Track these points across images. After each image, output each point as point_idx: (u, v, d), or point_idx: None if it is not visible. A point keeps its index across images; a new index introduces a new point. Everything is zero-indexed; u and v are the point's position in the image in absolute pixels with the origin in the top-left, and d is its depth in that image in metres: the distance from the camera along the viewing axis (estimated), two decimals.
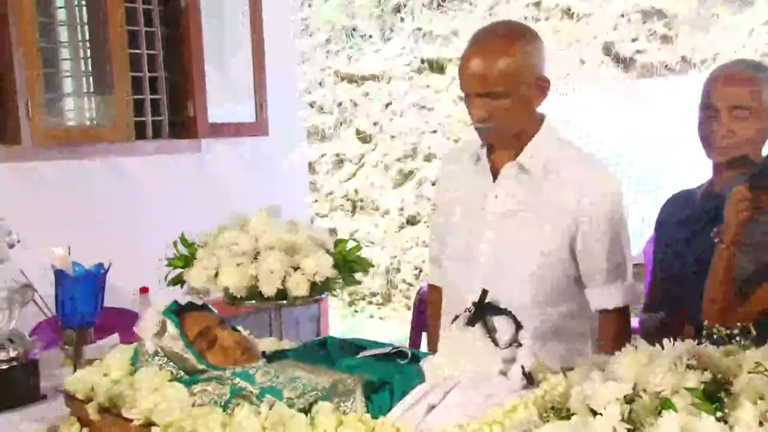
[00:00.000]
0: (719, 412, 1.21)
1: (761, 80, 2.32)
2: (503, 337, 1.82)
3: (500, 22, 2.46)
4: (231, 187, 4.48)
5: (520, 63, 2.17)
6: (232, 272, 2.74)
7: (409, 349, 1.90)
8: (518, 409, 1.50)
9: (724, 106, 2.30)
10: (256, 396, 1.65)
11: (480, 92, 2.18)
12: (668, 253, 2.52)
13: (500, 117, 2.19)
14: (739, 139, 2.30)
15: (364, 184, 5.76)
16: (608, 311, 2.32)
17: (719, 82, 2.35)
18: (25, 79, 3.70)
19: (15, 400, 2.13)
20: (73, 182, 4.00)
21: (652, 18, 5.22)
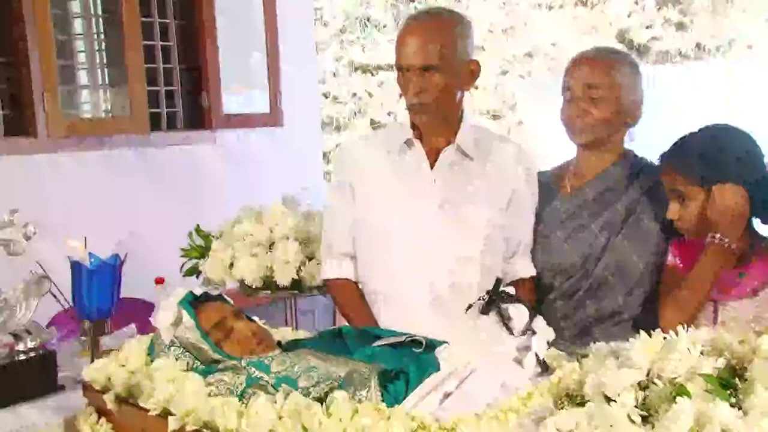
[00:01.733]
0: (734, 399, 1.21)
1: (617, 63, 2.39)
2: (517, 326, 1.82)
3: (436, 6, 2.56)
4: (246, 178, 4.48)
5: (453, 42, 2.31)
6: (247, 263, 2.76)
7: (424, 338, 1.90)
8: (533, 396, 1.50)
9: (579, 86, 2.37)
10: (271, 385, 1.66)
11: (417, 65, 2.28)
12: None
13: (435, 93, 2.30)
14: (595, 120, 2.36)
15: None
16: (524, 280, 2.45)
17: (576, 64, 2.42)
18: (41, 72, 3.71)
19: (33, 390, 2.13)
20: (89, 174, 4.01)
21: (666, 4, 5.18)
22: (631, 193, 2.40)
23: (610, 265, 2.36)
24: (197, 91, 4.48)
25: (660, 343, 1.33)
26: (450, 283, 2.35)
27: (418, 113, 2.37)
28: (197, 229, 2.98)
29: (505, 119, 6.24)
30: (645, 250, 2.35)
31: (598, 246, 2.37)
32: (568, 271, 2.41)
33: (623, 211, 2.39)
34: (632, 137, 2.49)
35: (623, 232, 2.37)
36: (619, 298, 2.36)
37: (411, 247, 2.36)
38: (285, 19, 4.84)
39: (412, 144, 2.41)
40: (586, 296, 2.38)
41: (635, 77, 2.41)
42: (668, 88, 5.30)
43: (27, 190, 3.60)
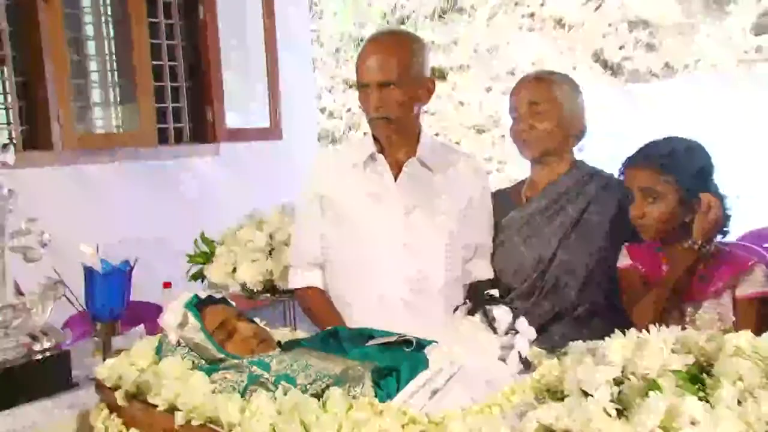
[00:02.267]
0: (702, 393, 1.21)
1: (556, 82, 2.45)
2: (501, 326, 1.82)
3: (394, 28, 2.59)
4: (247, 188, 4.48)
5: (410, 60, 2.34)
6: (248, 267, 2.75)
7: (414, 338, 1.89)
8: (516, 392, 1.50)
9: (523, 104, 2.43)
10: (271, 383, 1.65)
11: (378, 81, 2.30)
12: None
13: (393, 108, 2.33)
14: (540, 133, 2.41)
15: None
16: (483, 281, 2.48)
17: (519, 85, 2.49)
18: (57, 90, 3.72)
19: (49, 388, 2.12)
20: (101, 184, 4.00)
21: (637, 27, 5.21)
22: (580, 199, 2.43)
23: (563, 265, 2.39)
24: (202, 108, 4.47)
25: (634, 342, 1.33)
26: (418, 285, 2.37)
27: (379, 127, 2.38)
28: (202, 236, 2.98)
29: (489, 133, 6.25)
30: (594, 251, 2.38)
31: (552, 249, 2.40)
32: (526, 273, 2.43)
33: (574, 216, 2.42)
34: (581, 148, 2.53)
35: (574, 235, 2.40)
36: (573, 295, 2.38)
37: (380, 252, 2.38)
38: (284, 40, 4.85)
39: (375, 157, 2.42)
40: (543, 295, 2.40)
41: (575, 94, 2.47)
42: (639, 103, 5.33)
43: (43, 200, 3.59)
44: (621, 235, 2.34)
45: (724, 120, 6.17)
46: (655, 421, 1.16)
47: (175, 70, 4.39)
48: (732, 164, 2.18)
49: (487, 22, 5.65)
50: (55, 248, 2.21)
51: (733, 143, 3.26)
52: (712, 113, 6.28)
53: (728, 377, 1.22)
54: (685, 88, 5.77)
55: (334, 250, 2.43)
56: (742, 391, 1.19)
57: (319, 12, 6.23)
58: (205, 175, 4.50)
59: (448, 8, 5.89)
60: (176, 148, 4.39)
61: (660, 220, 2.15)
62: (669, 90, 5.08)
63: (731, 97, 6.67)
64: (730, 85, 6.68)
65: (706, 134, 2.32)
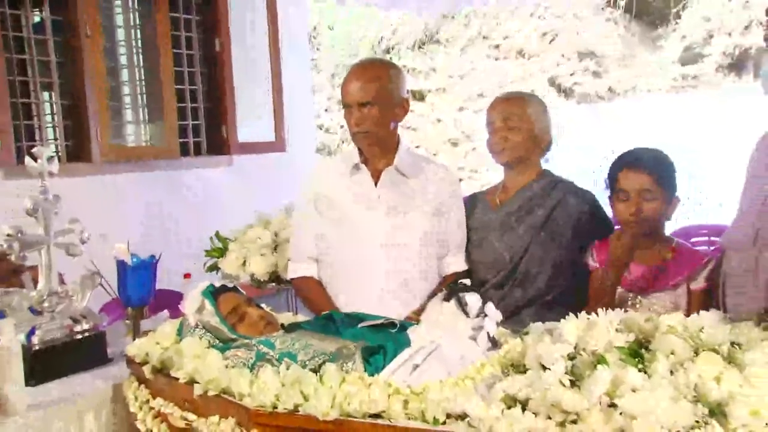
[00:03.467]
0: (641, 365, 1.21)
1: (527, 100, 2.45)
2: (473, 310, 1.81)
3: (374, 57, 2.59)
4: (256, 193, 4.45)
5: (387, 83, 2.34)
6: (257, 261, 2.74)
7: (398, 320, 1.88)
8: (485, 366, 1.49)
9: (498, 119, 2.42)
10: (276, 359, 1.64)
11: (359, 101, 2.31)
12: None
13: (371, 124, 2.32)
14: (513, 143, 2.40)
15: None
16: (457, 273, 2.44)
17: (495, 103, 2.48)
18: (96, 111, 3.71)
19: (88, 363, 2.12)
20: (133, 191, 3.99)
21: (586, 57, 5.21)
22: (548, 202, 2.41)
23: (533, 259, 2.37)
24: (217, 125, 4.46)
25: (585, 323, 1.32)
26: (397, 277, 2.36)
27: (359, 140, 2.37)
28: (217, 234, 2.96)
29: (462, 146, 6.25)
30: (561, 247, 2.37)
31: (523, 245, 2.38)
32: (500, 266, 2.40)
33: (543, 217, 2.40)
34: (548, 159, 2.52)
35: (543, 234, 2.38)
36: (541, 285, 2.36)
37: (365, 248, 2.36)
38: (287, 66, 4.84)
39: (359, 167, 2.41)
40: (514, 285, 2.38)
41: (543, 111, 2.46)
42: (588, 121, 5.34)
43: (83, 204, 3.56)
44: (583, 234, 2.35)
45: (657, 136, 6.21)
46: (602, 389, 1.16)
47: (195, 93, 4.38)
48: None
49: (460, 52, 5.65)
50: (93, 245, 2.19)
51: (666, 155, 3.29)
52: (648, 130, 6.32)
53: (663, 352, 1.22)
54: (626, 109, 5.80)
55: (329, 246, 2.41)
56: (674, 364, 1.20)
57: (318, 44, 6.21)
58: (220, 182, 4.48)
59: (427, 40, 5.88)
60: (195, 160, 4.37)
61: (652, 218, 2.12)
62: (613, 110, 5.09)
63: (664, 116, 6.71)
64: (663, 106, 6.73)
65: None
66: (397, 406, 1.35)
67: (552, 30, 7.04)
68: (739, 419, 1.07)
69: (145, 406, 1.82)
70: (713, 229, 4.13)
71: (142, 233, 3.70)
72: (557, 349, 1.27)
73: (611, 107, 5.97)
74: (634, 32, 7.03)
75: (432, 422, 1.31)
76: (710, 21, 7.45)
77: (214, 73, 4.45)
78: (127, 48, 4.13)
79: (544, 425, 1.18)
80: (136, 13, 4.14)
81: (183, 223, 4.10)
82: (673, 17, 7.09)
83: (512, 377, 1.28)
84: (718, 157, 6.36)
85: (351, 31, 7.85)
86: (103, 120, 3.76)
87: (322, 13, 7.65)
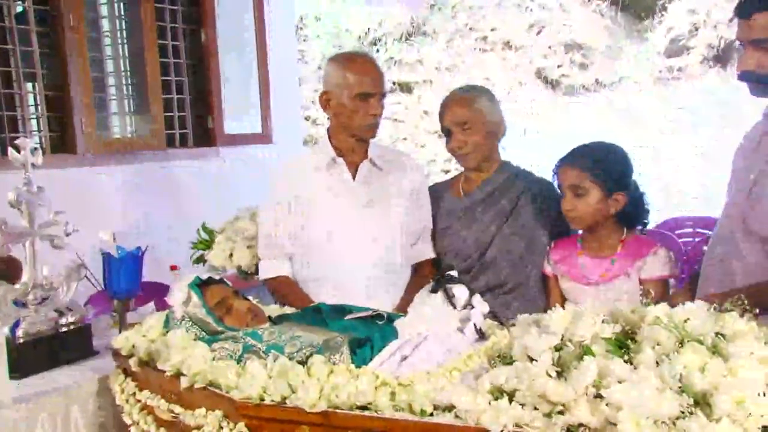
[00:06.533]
0: (627, 356, 1.22)
1: (474, 97, 2.44)
2: (460, 302, 1.81)
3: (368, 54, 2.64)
4: (243, 185, 4.43)
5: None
6: (244, 253, 2.72)
7: (386, 312, 1.89)
8: (473, 358, 1.50)
9: (452, 124, 2.42)
10: (263, 351, 1.63)
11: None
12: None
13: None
14: (472, 146, 2.42)
15: None
16: (427, 260, 2.50)
17: (445, 108, 2.46)
18: (80, 102, 3.68)
19: (73, 356, 2.12)
20: (118, 182, 3.96)
21: (573, 49, 5.22)
22: (512, 192, 2.45)
23: (498, 247, 2.39)
24: (204, 116, 4.44)
25: (571, 314, 1.33)
26: (377, 266, 2.38)
27: (372, 130, 2.43)
28: (203, 226, 2.94)
29: None
30: (524, 235, 2.40)
31: (489, 233, 2.41)
32: (466, 253, 2.43)
33: (507, 207, 2.43)
34: (504, 147, 2.54)
35: (507, 223, 2.41)
36: (506, 273, 2.39)
37: (346, 239, 2.37)
38: (275, 58, 4.82)
39: (336, 161, 2.42)
40: (479, 272, 2.40)
41: (492, 102, 2.47)
42: (574, 113, 5.35)
43: (69, 196, 3.53)
44: (545, 223, 2.39)
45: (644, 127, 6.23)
46: (589, 380, 1.16)
47: (181, 85, 4.35)
48: (649, 163, 2.19)
49: (446, 44, 5.64)
50: (78, 236, 2.18)
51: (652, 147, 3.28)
52: (633, 121, 6.35)
53: (648, 343, 1.23)
54: (612, 101, 5.81)
55: (307, 242, 2.40)
56: (659, 354, 1.20)
57: (305, 35, 6.18)
58: (206, 174, 4.46)
59: (413, 32, 5.86)
60: (182, 151, 4.34)
61: (587, 212, 2.14)
62: (599, 102, 5.11)
63: (650, 108, 6.74)
64: (649, 97, 6.75)
65: (629, 139, 2.33)
66: (384, 398, 1.35)
67: (538, 22, 7.05)
68: (723, 409, 1.08)
69: (132, 398, 1.81)
70: (698, 220, 4.16)
71: (128, 225, 3.68)
72: (544, 341, 1.27)
73: (597, 99, 5.98)
74: (621, 24, 7.05)
75: (419, 414, 1.31)
76: (696, 13, 7.51)
77: (201, 65, 4.42)
78: (113, 39, 4.09)
79: (530, 416, 1.18)
80: (122, 4, 4.11)
81: (169, 214, 4.07)
82: (660, 9, 7.13)
83: (499, 368, 1.28)
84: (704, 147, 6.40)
85: (338, 22, 7.83)
86: (88, 111, 3.73)
87: (309, 3, 7.62)
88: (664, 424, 1.09)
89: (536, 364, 1.22)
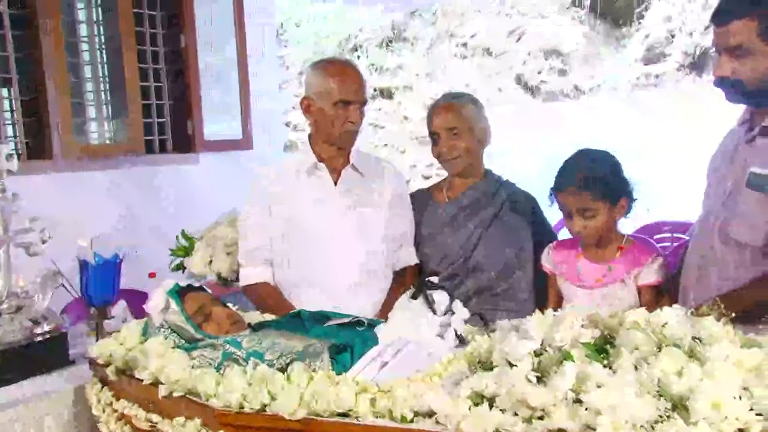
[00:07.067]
0: (606, 361, 1.22)
1: (462, 104, 2.47)
2: (440, 308, 1.81)
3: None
4: (223, 191, 4.41)
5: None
6: (223, 259, 2.71)
7: (366, 318, 1.88)
8: (453, 363, 1.49)
9: (441, 130, 2.44)
10: (243, 359, 1.62)
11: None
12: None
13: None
14: (460, 151, 2.44)
15: None
16: (410, 266, 2.49)
17: (434, 113, 2.48)
18: (57, 107, 3.65)
19: (49, 365, 2.08)
20: (96, 188, 3.93)
21: (552, 56, 5.27)
22: (496, 199, 2.48)
23: (483, 252, 2.41)
24: (183, 122, 4.41)
25: (551, 319, 1.33)
26: (359, 271, 2.37)
27: (351, 138, 2.42)
28: (183, 233, 2.93)
29: (429, 144, 6.27)
30: (509, 241, 2.42)
31: (474, 239, 2.43)
32: (452, 259, 2.44)
33: (491, 213, 2.45)
34: (489, 154, 2.56)
35: (491, 228, 2.43)
36: (490, 277, 2.39)
37: (327, 245, 2.36)
38: (255, 63, 4.81)
39: (318, 166, 2.42)
40: (465, 276, 2.41)
41: (479, 110, 2.49)
42: (553, 118, 5.39)
43: (45, 203, 3.50)
44: (529, 231, 2.43)
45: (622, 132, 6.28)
46: (568, 385, 1.16)
47: (160, 90, 4.33)
48: (628, 168, 2.19)
49: (426, 50, 5.66)
50: (54, 244, 2.15)
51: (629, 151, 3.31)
52: (612, 127, 6.40)
53: (627, 347, 1.23)
54: (591, 107, 5.86)
55: (289, 248, 2.39)
56: (638, 359, 1.20)
57: (285, 41, 6.18)
58: (186, 180, 4.43)
59: (394, 38, 5.88)
60: (161, 157, 4.32)
61: (598, 228, 2.13)
62: (577, 108, 5.14)
63: (628, 113, 6.79)
64: (627, 104, 6.81)
65: (607, 144, 2.35)
66: (364, 405, 1.35)
67: (518, 28, 7.10)
68: (700, 412, 1.08)
69: (108, 408, 1.79)
70: (676, 225, 4.20)
71: (105, 232, 3.65)
72: (523, 346, 1.27)
73: (576, 105, 6.03)
74: (599, 31, 7.12)
75: (400, 420, 1.31)
76: (671, 21, 7.59)
77: (180, 70, 4.40)
78: (90, 44, 4.06)
79: (511, 421, 1.18)
80: (99, 9, 4.08)
81: (148, 221, 4.04)
82: (637, 17, 7.20)
83: (479, 374, 1.28)
84: (679, 153, 6.47)
85: (318, 28, 7.82)
86: (65, 117, 3.69)
87: (290, 9, 7.61)
88: (642, 428, 1.10)
89: (516, 369, 1.22)
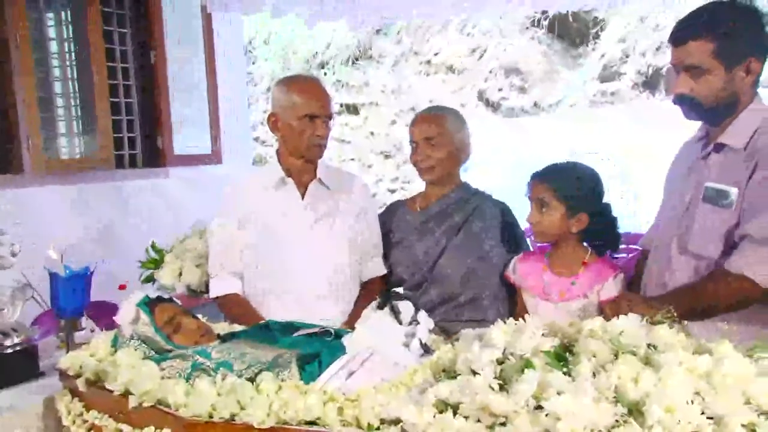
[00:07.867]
0: (566, 368, 1.23)
1: (445, 116, 2.49)
2: (405, 317, 1.81)
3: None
4: (192, 204, 4.38)
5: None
6: (193, 271, 2.68)
7: (333, 329, 1.87)
8: (418, 372, 1.50)
9: (420, 138, 2.46)
10: (212, 369, 1.60)
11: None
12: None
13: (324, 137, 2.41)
14: (436, 160, 2.45)
15: None
16: (378, 277, 2.50)
17: (416, 120, 2.51)
18: (26, 121, 3.59)
19: (18, 377, 2.04)
20: (65, 203, 3.86)
21: (512, 73, 5.33)
22: (466, 209, 2.48)
23: (449, 260, 2.41)
24: (153, 137, 4.37)
25: (512, 328, 1.34)
26: (326, 283, 2.37)
27: (319, 151, 2.42)
28: (153, 245, 2.89)
29: (394, 158, 6.28)
30: (475, 250, 2.42)
31: (440, 246, 2.43)
32: (418, 265, 2.45)
33: (460, 221, 2.46)
34: (466, 168, 2.58)
35: (459, 237, 2.44)
36: (456, 286, 2.40)
37: (295, 258, 2.36)
38: (223, 79, 4.79)
39: (285, 181, 2.41)
40: (430, 285, 2.42)
41: (461, 125, 2.51)
42: (513, 134, 5.44)
43: (14, 216, 3.44)
44: (496, 240, 2.43)
45: (578, 147, 6.39)
46: (530, 392, 1.17)
47: (130, 105, 4.28)
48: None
49: (391, 67, 5.69)
50: (24, 257, 2.12)
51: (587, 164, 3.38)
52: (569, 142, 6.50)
53: (585, 355, 1.25)
54: (550, 123, 5.94)
55: (259, 260, 2.38)
56: (596, 366, 1.22)
57: (254, 57, 6.16)
58: (156, 194, 4.39)
59: (360, 55, 5.90)
60: (131, 172, 4.27)
61: (549, 227, 2.16)
62: (537, 124, 5.21)
63: (585, 129, 6.91)
64: (584, 120, 6.93)
65: (565, 158, 2.37)
66: (332, 413, 1.34)
67: (480, 47, 7.19)
68: (654, 417, 1.10)
69: (78, 419, 1.75)
70: (628, 236, 4.25)
71: (75, 246, 3.59)
72: (486, 355, 1.28)
73: (535, 121, 6.11)
74: (556, 50, 7.25)
75: (366, 428, 1.31)
76: (625, 42, 7.76)
77: (150, 86, 4.36)
78: (60, 59, 4.01)
79: (474, 428, 1.19)
80: (69, 27, 4.03)
81: (118, 234, 3.99)
82: (592, 37, 7.34)
83: (444, 382, 1.29)
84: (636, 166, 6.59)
85: (286, 45, 7.83)
86: (34, 131, 3.63)
87: (258, 26, 7.59)
88: None
89: (479, 377, 1.23)
